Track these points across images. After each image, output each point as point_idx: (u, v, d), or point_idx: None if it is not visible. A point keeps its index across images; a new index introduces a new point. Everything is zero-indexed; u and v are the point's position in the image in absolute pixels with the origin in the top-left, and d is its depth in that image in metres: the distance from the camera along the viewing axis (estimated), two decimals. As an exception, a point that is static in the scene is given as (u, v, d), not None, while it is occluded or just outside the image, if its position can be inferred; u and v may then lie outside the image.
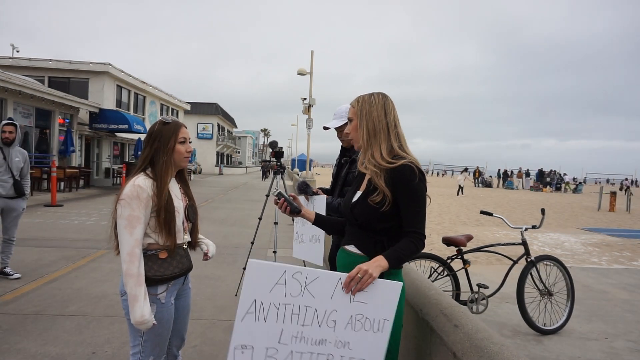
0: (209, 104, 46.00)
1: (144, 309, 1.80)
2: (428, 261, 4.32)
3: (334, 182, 3.14)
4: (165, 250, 1.93)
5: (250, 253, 5.12)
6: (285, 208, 2.04)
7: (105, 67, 19.83)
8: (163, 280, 1.92)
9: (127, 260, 1.80)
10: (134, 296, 1.80)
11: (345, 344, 1.58)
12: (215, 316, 4.10)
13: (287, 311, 1.58)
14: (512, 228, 4.62)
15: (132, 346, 1.98)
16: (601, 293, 5.68)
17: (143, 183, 1.87)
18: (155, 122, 2.02)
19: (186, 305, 2.17)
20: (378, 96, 1.90)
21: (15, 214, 5.00)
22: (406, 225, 1.76)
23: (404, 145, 1.88)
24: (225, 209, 12.84)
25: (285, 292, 1.58)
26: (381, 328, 1.57)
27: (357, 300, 1.59)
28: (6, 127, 4.85)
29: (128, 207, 1.82)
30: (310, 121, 22.05)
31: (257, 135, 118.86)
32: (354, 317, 1.57)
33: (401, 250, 1.71)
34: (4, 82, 12.85)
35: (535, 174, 37.76)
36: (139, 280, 1.81)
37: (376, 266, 1.63)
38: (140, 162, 1.96)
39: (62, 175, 15.00)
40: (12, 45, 28.14)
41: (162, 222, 1.89)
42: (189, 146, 2.04)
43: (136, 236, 1.82)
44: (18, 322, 3.72)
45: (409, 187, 1.75)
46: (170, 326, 2.01)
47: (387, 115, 1.86)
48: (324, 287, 1.59)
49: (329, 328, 1.58)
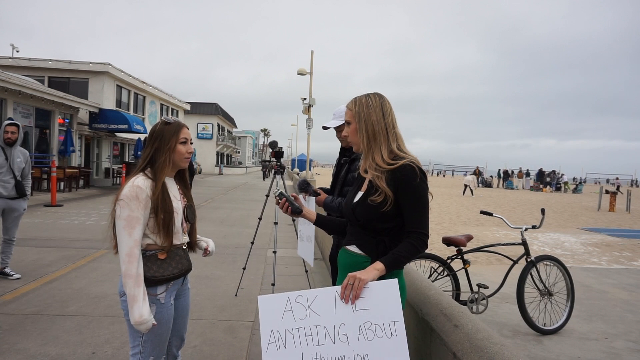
0: (209, 104, 45.99)
1: (143, 310, 1.80)
2: (428, 261, 4.32)
3: (333, 182, 3.14)
4: (163, 251, 1.93)
5: (250, 253, 5.12)
6: (287, 208, 2.04)
7: (105, 67, 19.83)
8: (162, 280, 1.92)
9: (126, 261, 1.80)
10: (132, 297, 1.80)
11: (364, 356, 1.56)
12: (215, 316, 4.10)
13: (301, 334, 1.61)
14: (512, 228, 4.62)
15: (132, 347, 1.98)
16: (601, 293, 5.68)
17: (142, 183, 1.87)
18: (157, 122, 2.03)
19: (185, 306, 2.18)
20: (375, 97, 1.88)
21: (16, 215, 5.00)
22: (408, 225, 1.76)
23: (402, 145, 1.87)
24: (225, 209, 12.84)
25: (294, 317, 1.63)
26: (394, 331, 1.54)
27: (359, 308, 1.59)
28: (9, 127, 4.85)
29: (127, 208, 1.82)
30: (310, 121, 22.06)
31: (257, 135, 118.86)
32: (362, 326, 1.57)
33: (399, 253, 1.71)
34: (4, 82, 12.85)
35: (536, 174, 37.76)
36: (138, 280, 1.81)
37: (370, 270, 1.65)
38: (141, 162, 1.97)
39: (62, 175, 15.00)
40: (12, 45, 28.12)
41: (161, 222, 1.89)
42: (189, 147, 2.04)
43: (135, 237, 1.82)
44: (18, 322, 3.72)
45: (410, 186, 1.74)
46: (170, 327, 2.01)
47: (386, 117, 1.85)
48: (324, 303, 1.62)
49: (343, 343, 1.58)
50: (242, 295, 4.77)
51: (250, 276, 5.42)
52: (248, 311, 4.29)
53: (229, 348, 3.42)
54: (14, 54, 24.44)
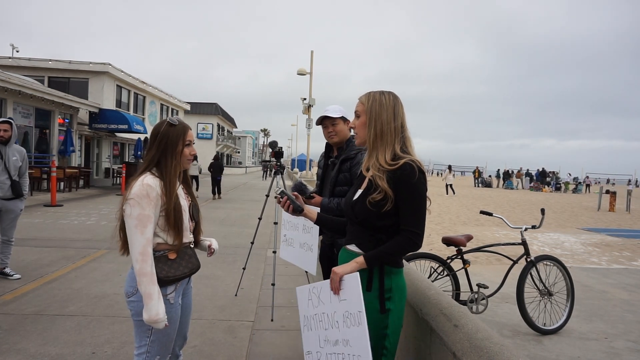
0: (209, 104, 46.00)
1: (159, 307, 1.81)
2: (428, 261, 4.32)
3: (321, 183, 3.08)
4: (173, 250, 1.94)
5: (250, 253, 5.12)
6: (288, 207, 2.04)
7: (105, 67, 19.82)
8: (173, 280, 1.93)
9: (140, 260, 1.81)
10: (148, 294, 1.80)
11: (347, 342, 1.70)
12: (215, 316, 4.10)
13: (316, 320, 1.88)
14: (512, 228, 4.62)
15: (138, 346, 1.97)
16: (601, 293, 5.68)
17: (152, 182, 1.87)
18: (161, 122, 2.01)
19: (189, 304, 2.19)
20: (389, 97, 1.86)
21: (13, 215, 4.93)
22: (402, 223, 1.76)
23: (409, 147, 1.86)
24: (225, 209, 12.84)
25: (312, 305, 1.90)
26: (360, 320, 1.64)
27: (342, 298, 1.74)
28: (1, 125, 4.74)
29: (138, 206, 1.82)
30: (310, 121, 22.06)
31: (257, 135, 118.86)
32: (344, 315, 1.72)
33: (383, 249, 1.74)
34: (4, 82, 12.85)
35: (536, 174, 37.76)
36: (152, 278, 1.82)
37: (350, 264, 1.75)
38: (147, 163, 1.97)
39: (62, 175, 15.00)
40: (12, 45, 28.13)
41: (172, 221, 1.91)
42: (192, 148, 2.05)
43: (147, 235, 1.83)
44: (18, 322, 3.72)
45: (407, 184, 1.74)
46: (177, 326, 2.03)
47: (396, 119, 1.84)
48: (326, 293, 1.82)
49: (336, 329, 1.76)
50: (242, 295, 4.77)
51: (250, 276, 5.42)
52: (248, 311, 4.29)
53: (229, 348, 3.43)
54: (14, 54, 24.45)
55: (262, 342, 3.58)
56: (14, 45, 28.84)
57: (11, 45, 25.85)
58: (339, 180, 2.83)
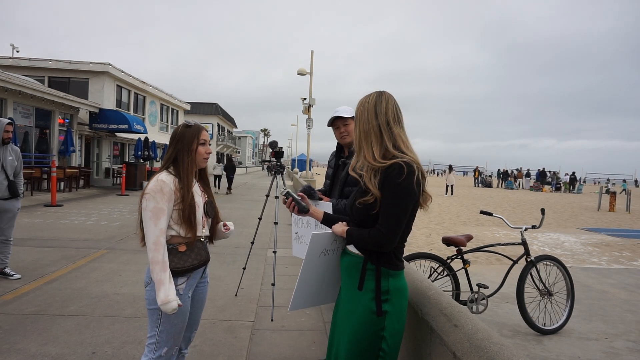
0: (209, 104, 45.98)
1: (169, 291, 1.94)
2: (428, 261, 4.32)
3: (331, 183, 3.10)
4: (185, 243, 2.07)
5: (250, 253, 5.12)
6: (294, 207, 2.04)
7: (105, 67, 19.81)
8: (183, 271, 2.05)
9: (153, 249, 1.95)
10: (159, 280, 1.93)
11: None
12: (215, 316, 4.10)
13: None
14: (512, 228, 4.63)
15: (149, 337, 2.09)
16: (601, 293, 5.68)
17: (166, 178, 2.04)
18: (179, 125, 2.20)
19: (202, 298, 2.29)
20: (371, 97, 1.88)
21: (10, 215, 4.94)
22: (379, 220, 1.74)
23: (402, 144, 1.82)
24: (225, 209, 12.84)
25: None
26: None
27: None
28: (8, 126, 4.79)
29: (152, 200, 1.98)
30: (310, 121, 22.03)
31: (257, 135, 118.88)
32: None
33: (357, 233, 1.81)
34: (4, 82, 12.85)
35: (536, 174, 37.75)
36: (164, 266, 1.96)
37: (339, 226, 1.91)
38: (165, 161, 2.14)
39: (62, 175, 14.99)
40: (12, 45, 28.14)
41: (186, 216, 2.05)
42: (208, 147, 2.20)
43: (161, 226, 1.97)
44: (18, 322, 3.72)
45: (392, 184, 1.71)
46: (185, 318, 2.12)
47: (379, 117, 1.83)
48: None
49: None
50: (242, 295, 4.77)
51: (250, 276, 5.42)
52: (248, 311, 4.29)
53: (229, 348, 3.43)
54: (14, 54, 24.45)
55: (262, 342, 3.58)
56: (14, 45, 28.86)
57: (11, 45, 25.87)
58: (348, 180, 2.85)
